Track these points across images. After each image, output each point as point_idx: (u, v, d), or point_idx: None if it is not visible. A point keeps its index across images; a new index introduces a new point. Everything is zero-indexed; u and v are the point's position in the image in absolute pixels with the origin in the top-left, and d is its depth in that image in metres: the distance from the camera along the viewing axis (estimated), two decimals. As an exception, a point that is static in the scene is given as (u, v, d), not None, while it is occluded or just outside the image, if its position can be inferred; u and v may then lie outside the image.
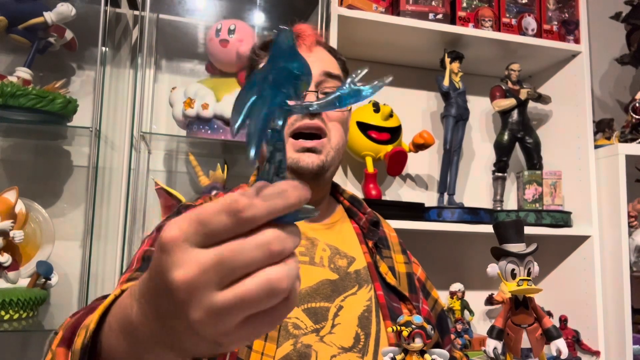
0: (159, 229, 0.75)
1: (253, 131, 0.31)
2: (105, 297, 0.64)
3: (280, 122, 0.33)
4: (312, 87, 0.79)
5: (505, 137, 1.63)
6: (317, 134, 0.78)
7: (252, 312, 0.30)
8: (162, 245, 0.30)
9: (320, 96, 0.80)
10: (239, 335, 0.31)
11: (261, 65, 0.82)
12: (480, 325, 1.67)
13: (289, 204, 0.30)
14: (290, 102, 0.32)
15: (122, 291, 0.42)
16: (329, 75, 0.81)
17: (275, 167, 0.33)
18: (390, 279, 0.79)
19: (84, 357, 0.41)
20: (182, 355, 0.35)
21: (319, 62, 0.82)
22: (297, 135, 0.79)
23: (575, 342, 1.51)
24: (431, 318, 0.83)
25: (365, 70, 0.34)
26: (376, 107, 1.49)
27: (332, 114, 0.80)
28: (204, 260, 0.29)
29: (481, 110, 1.80)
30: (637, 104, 1.63)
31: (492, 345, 1.07)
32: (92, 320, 0.42)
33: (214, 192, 1.28)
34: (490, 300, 1.56)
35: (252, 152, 0.31)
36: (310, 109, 0.33)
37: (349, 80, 0.33)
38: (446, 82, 1.55)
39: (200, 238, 0.30)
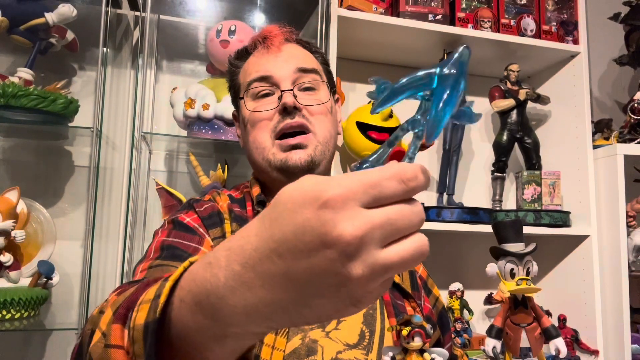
0: (171, 221, 0.76)
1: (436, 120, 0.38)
2: (133, 282, 0.59)
3: (418, 117, 0.41)
4: (288, 86, 0.79)
5: (504, 137, 1.64)
6: (301, 131, 0.78)
7: (400, 271, 0.32)
8: (327, 201, 0.30)
9: (298, 92, 0.79)
10: (377, 293, 0.32)
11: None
12: (479, 325, 1.68)
13: (428, 183, 0.34)
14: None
15: (191, 263, 0.39)
16: (303, 70, 0.81)
17: (414, 152, 0.38)
18: (394, 277, 0.80)
19: (150, 333, 0.37)
20: (275, 325, 0.35)
21: (291, 59, 0.81)
22: (281, 137, 0.79)
23: (574, 341, 1.51)
24: (433, 316, 0.84)
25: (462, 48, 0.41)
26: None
27: (313, 109, 0.80)
28: (373, 218, 0.30)
29: (480, 110, 1.80)
30: (636, 105, 1.63)
31: (492, 344, 1.08)
32: (159, 294, 0.38)
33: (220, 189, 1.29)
34: (489, 300, 1.57)
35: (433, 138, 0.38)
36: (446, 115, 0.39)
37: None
38: (445, 83, 1.56)
39: (368, 199, 0.31)
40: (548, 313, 1.54)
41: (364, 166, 0.40)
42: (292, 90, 0.78)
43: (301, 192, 0.32)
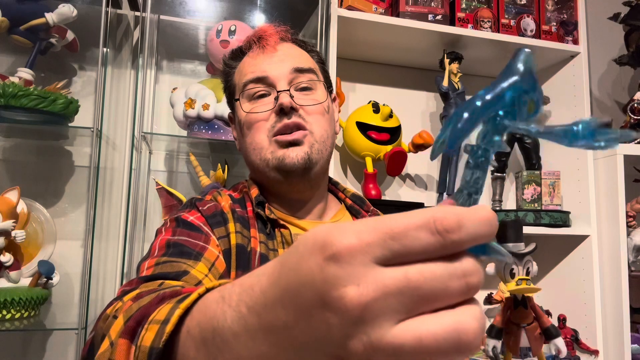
0: (174, 219, 0.75)
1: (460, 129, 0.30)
2: (142, 278, 0.59)
3: (497, 138, 0.31)
4: (284, 86, 0.78)
5: (504, 137, 1.64)
6: (298, 131, 0.77)
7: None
8: (335, 253, 0.25)
9: (295, 92, 0.78)
10: None
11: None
12: (479, 325, 1.68)
13: (492, 233, 0.25)
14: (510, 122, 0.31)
15: (208, 290, 0.36)
16: (300, 70, 0.79)
17: (472, 187, 0.29)
18: None
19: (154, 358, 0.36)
20: None
21: (287, 58, 0.80)
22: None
23: (573, 341, 1.51)
24: None
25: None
26: (376, 108, 1.50)
27: (310, 109, 0.79)
28: (388, 283, 0.24)
29: (480, 110, 1.80)
30: (636, 105, 1.64)
31: (492, 344, 1.08)
32: (168, 319, 0.36)
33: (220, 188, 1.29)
34: (489, 300, 1.57)
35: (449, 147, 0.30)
36: (532, 131, 0.31)
37: (589, 123, 0.27)
38: (445, 83, 1.56)
39: (387, 254, 0.24)
40: (548, 313, 1.54)
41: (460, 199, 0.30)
42: (288, 90, 0.78)
43: (313, 237, 0.26)
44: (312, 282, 0.25)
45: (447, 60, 1.57)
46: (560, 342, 1.05)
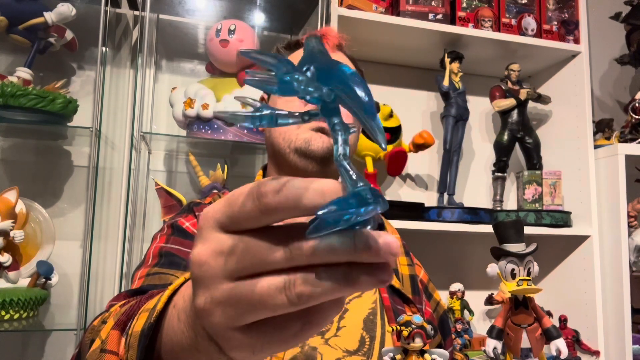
0: (170, 225, 0.75)
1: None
2: (131, 291, 0.62)
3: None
4: None
5: (505, 137, 1.63)
6: None
7: (261, 316, 0.27)
8: (199, 219, 0.29)
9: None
10: (241, 341, 0.28)
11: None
12: (480, 325, 1.67)
13: (315, 201, 0.25)
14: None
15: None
16: None
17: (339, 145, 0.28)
18: (395, 282, 0.79)
19: (144, 338, 0.37)
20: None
21: None
22: None
23: (575, 342, 1.51)
24: (434, 320, 0.83)
25: None
26: (376, 107, 1.49)
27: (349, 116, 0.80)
28: (220, 243, 0.27)
29: (481, 110, 1.80)
30: (637, 104, 1.63)
31: (492, 345, 1.07)
32: (157, 302, 0.38)
33: (222, 191, 1.29)
34: (490, 300, 1.57)
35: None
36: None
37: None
38: (446, 82, 1.56)
39: (225, 220, 0.27)
40: (549, 313, 1.54)
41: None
42: None
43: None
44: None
45: (447, 60, 1.57)
46: (561, 343, 1.04)
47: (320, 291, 0.25)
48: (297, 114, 0.28)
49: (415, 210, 1.45)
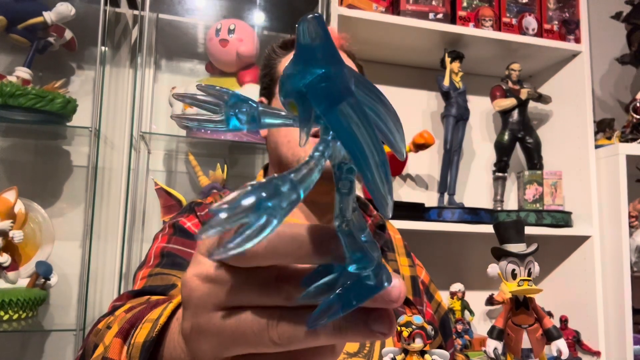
0: (172, 225, 0.75)
1: None
2: (133, 292, 0.61)
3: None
4: None
5: (506, 137, 1.63)
6: None
7: (244, 350, 0.26)
8: (197, 245, 0.29)
9: None
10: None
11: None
12: (480, 326, 1.67)
13: (288, 250, 0.24)
14: None
15: None
16: None
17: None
18: None
19: (145, 350, 0.37)
20: None
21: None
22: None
23: (575, 342, 1.50)
24: (434, 321, 0.83)
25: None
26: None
27: None
28: (211, 270, 0.26)
29: (481, 110, 1.79)
30: (638, 104, 1.62)
31: (493, 345, 1.07)
32: (161, 315, 0.37)
33: (222, 191, 1.28)
34: (490, 301, 1.56)
35: None
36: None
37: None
38: (446, 82, 1.55)
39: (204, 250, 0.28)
40: (549, 314, 1.53)
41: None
42: None
43: None
44: None
45: (448, 59, 1.56)
46: (562, 343, 1.04)
47: (303, 336, 0.24)
48: (283, 113, 0.26)
49: (415, 211, 1.45)
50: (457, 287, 1.56)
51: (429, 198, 1.68)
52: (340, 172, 0.24)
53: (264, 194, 0.21)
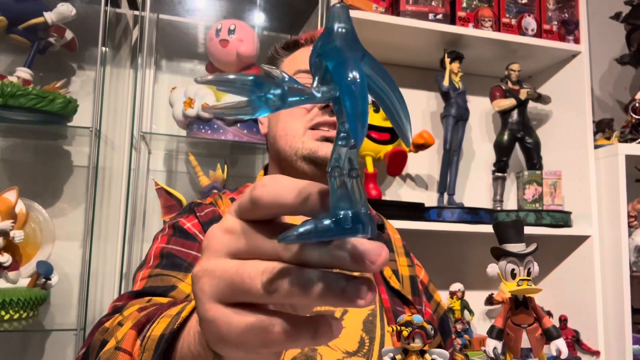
0: (171, 226, 0.75)
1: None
2: (133, 292, 0.62)
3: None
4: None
5: (505, 137, 1.63)
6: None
7: (239, 297, 0.28)
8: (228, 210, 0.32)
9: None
10: (228, 329, 0.28)
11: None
12: (480, 325, 1.67)
13: (286, 201, 0.27)
14: None
15: None
16: None
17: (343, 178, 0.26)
18: (394, 283, 0.79)
19: (163, 342, 0.37)
20: None
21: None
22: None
23: (575, 342, 1.51)
24: (434, 321, 0.83)
25: None
26: (376, 107, 1.49)
27: None
28: (230, 224, 0.29)
29: (481, 110, 1.80)
30: (637, 104, 1.63)
31: (492, 345, 1.07)
32: (182, 310, 0.38)
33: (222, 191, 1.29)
34: (490, 300, 1.56)
35: None
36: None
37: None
38: (446, 82, 1.55)
39: (237, 207, 0.30)
40: (549, 314, 1.54)
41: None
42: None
43: None
44: None
45: (447, 60, 1.56)
46: (561, 343, 1.04)
47: (287, 287, 0.25)
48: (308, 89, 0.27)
49: (415, 210, 1.45)
50: (456, 286, 1.56)
51: (429, 198, 1.68)
52: (341, 127, 0.26)
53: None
